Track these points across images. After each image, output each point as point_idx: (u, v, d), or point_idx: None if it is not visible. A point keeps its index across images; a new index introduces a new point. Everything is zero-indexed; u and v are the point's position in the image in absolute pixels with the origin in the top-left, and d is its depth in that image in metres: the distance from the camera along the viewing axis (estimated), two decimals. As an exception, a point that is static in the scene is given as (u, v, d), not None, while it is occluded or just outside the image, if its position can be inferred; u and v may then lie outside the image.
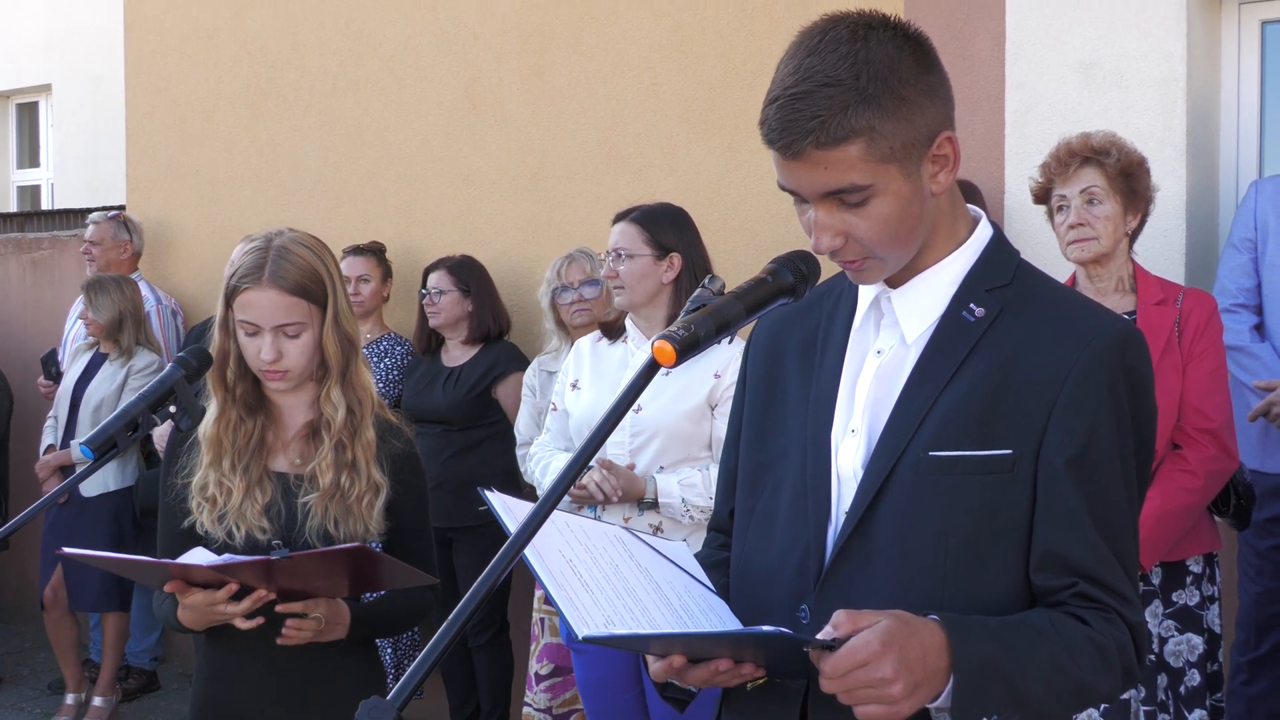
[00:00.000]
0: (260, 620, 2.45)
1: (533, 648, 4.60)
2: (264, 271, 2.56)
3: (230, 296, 2.60)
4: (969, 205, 1.85)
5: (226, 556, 2.37)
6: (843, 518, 1.77)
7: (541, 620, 4.57)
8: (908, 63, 1.66)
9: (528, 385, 4.87)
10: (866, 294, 1.84)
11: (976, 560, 1.70)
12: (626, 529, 1.94)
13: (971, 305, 1.76)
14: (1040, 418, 1.68)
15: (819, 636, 1.59)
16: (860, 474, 1.76)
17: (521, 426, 4.84)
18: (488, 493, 1.81)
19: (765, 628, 1.63)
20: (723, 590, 1.91)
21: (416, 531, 2.72)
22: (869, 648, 1.54)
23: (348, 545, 2.32)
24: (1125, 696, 3.33)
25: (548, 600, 4.51)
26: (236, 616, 2.43)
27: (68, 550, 2.47)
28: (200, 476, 2.63)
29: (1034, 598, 1.72)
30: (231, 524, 2.59)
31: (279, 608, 2.42)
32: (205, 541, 2.61)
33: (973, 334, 1.74)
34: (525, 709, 4.62)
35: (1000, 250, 1.82)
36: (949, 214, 1.78)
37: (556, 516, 1.78)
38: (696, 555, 1.99)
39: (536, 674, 4.54)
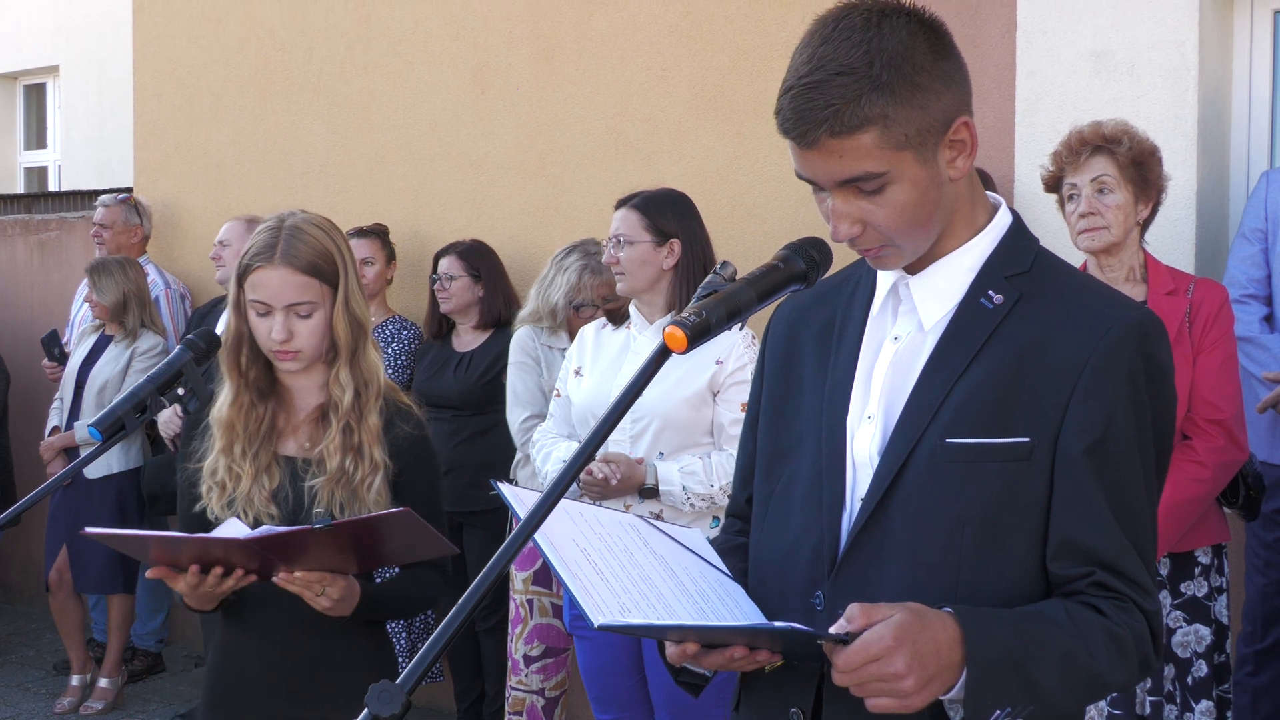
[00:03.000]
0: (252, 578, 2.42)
1: (518, 630, 4.60)
2: (276, 250, 2.55)
3: (242, 276, 2.58)
4: (989, 193, 1.84)
5: (264, 529, 2.34)
6: (858, 505, 1.76)
7: (530, 601, 4.57)
8: (922, 49, 1.65)
9: (529, 355, 4.68)
10: (885, 280, 1.83)
11: (992, 548, 1.69)
12: (642, 517, 1.93)
13: (990, 292, 1.75)
14: (1058, 406, 1.68)
15: (832, 630, 1.59)
16: (876, 461, 1.75)
17: (525, 397, 4.65)
18: (500, 485, 1.81)
19: (778, 624, 1.64)
20: (740, 576, 1.90)
21: (429, 514, 2.68)
22: (882, 642, 1.54)
23: (394, 510, 2.27)
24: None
25: (534, 583, 4.52)
26: (228, 592, 2.41)
27: (90, 530, 2.41)
28: (211, 461, 2.62)
29: (1050, 586, 1.72)
30: (240, 510, 2.58)
31: (299, 576, 2.37)
32: (215, 526, 2.58)
33: (991, 321, 1.73)
34: (513, 692, 4.62)
35: (1020, 237, 1.81)
36: (968, 200, 1.78)
37: (570, 506, 1.78)
38: (712, 541, 1.99)
39: (526, 655, 4.56)
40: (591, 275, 4.67)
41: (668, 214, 3.83)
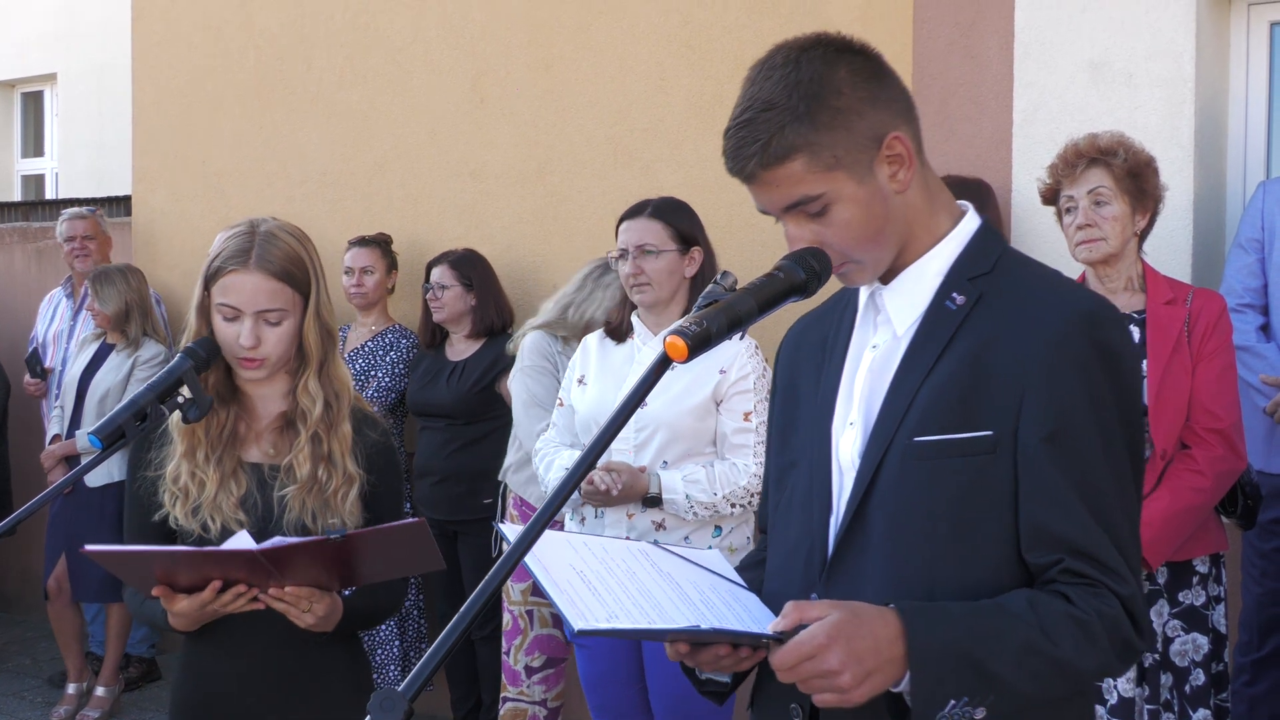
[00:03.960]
0: (255, 602, 2.38)
1: (517, 641, 4.60)
2: (250, 255, 2.51)
3: (210, 279, 2.54)
4: (960, 201, 1.92)
5: (276, 540, 2.31)
6: (843, 508, 1.83)
7: (530, 612, 4.57)
8: (841, 76, 1.76)
9: (546, 359, 4.51)
10: (865, 293, 1.91)
11: (965, 541, 1.75)
12: (655, 544, 1.98)
13: (954, 294, 1.82)
14: (1015, 399, 1.73)
15: (770, 628, 1.68)
16: (857, 464, 1.82)
17: (545, 401, 4.44)
18: (501, 525, 1.87)
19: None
20: (761, 586, 1.99)
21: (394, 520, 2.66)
22: (814, 641, 1.62)
23: (408, 521, 2.24)
24: (1129, 695, 3.34)
25: (533, 593, 4.52)
26: (230, 610, 2.37)
27: (90, 548, 2.31)
28: (173, 468, 2.57)
29: (1031, 577, 1.76)
30: (206, 516, 2.53)
31: (289, 591, 2.34)
32: (178, 535, 2.56)
33: (954, 321, 1.80)
34: (510, 703, 4.62)
35: (986, 240, 1.88)
36: (925, 209, 1.85)
37: (574, 539, 1.85)
38: (744, 557, 2.11)
39: (528, 666, 4.56)
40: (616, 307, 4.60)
41: (687, 221, 3.81)
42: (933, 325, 1.81)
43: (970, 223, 1.88)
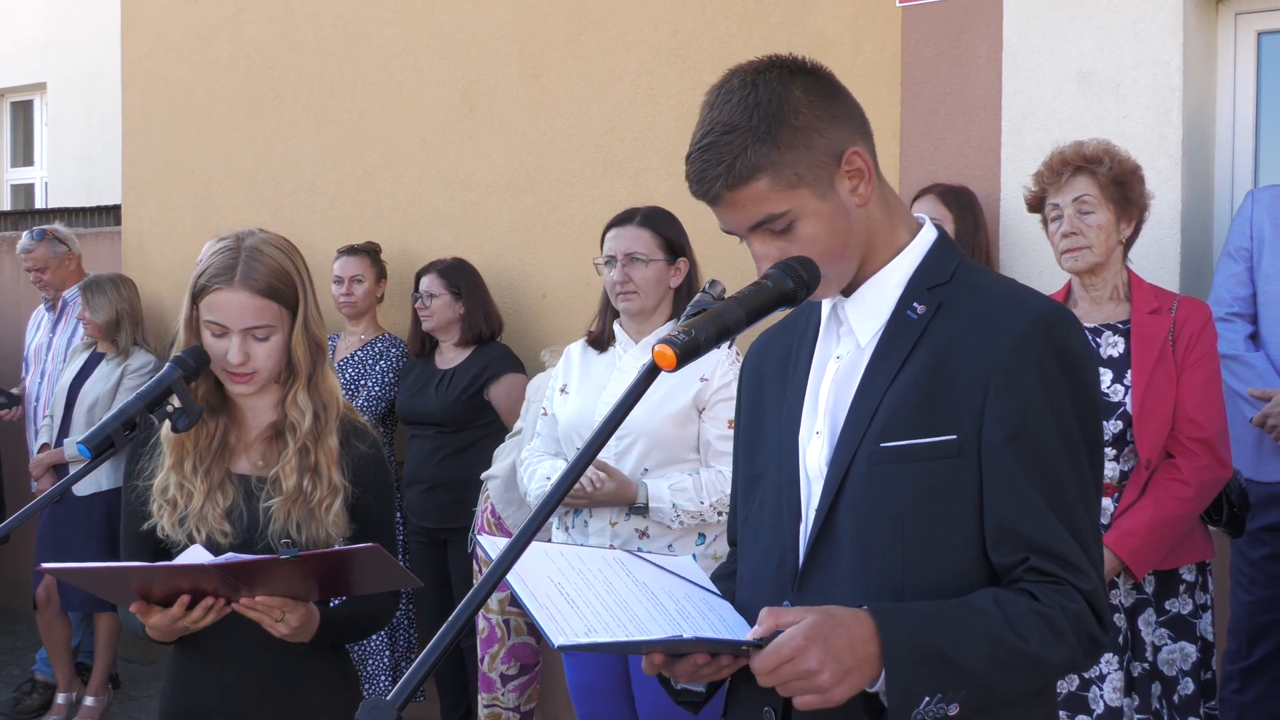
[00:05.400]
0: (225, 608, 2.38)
1: (494, 649, 4.62)
2: (235, 272, 2.50)
3: (198, 295, 2.54)
4: (917, 215, 1.95)
5: (230, 555, 2.31)
6: (812, 516, 1.86)
7: (506, 621, 4.60)
8: (797, 96, 1.79)
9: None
10: (827, 306, 1.95)
11: (932, 543, 1.78)
12: (630, 552, 1.99)
13: (914, 304, 1.86)
14: (977, 402, 1.77)
15: (748, 636, 1.70)
16: (824, 472, 1.85)
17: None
18: (480, 538, 1.89)
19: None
20: (733, 597, 2.00)
21: (383, 534, 2.66)
22: (792, 643, 1.64)
23: (362, 546, 2.23)
24: (1117, 705, 3.34)
25: (510, 603, 4.55)
26: (202, 625, 2.37)
27: (46, 566, 2.35)
28: (161, 479, 2.57)
29: (997, 576, 1.79)
30: (192, 527, 2.53)
31: (260, 600, 2.34)
32: (166, 545, 2.56)
33: (915, 330, 1.84)
34: (488, 709, 4.63)
35: (943, 251, 1.91)
36: (885, 222, 1.88)
37: (550, 549, 1.87)
38: (716, 569, 2.12)
39: (503, 675, 4.59)
40: None
41: (674, 231, 3.84)
42: (895, 334, 1.84)
43: (928, 234, 1.92)
